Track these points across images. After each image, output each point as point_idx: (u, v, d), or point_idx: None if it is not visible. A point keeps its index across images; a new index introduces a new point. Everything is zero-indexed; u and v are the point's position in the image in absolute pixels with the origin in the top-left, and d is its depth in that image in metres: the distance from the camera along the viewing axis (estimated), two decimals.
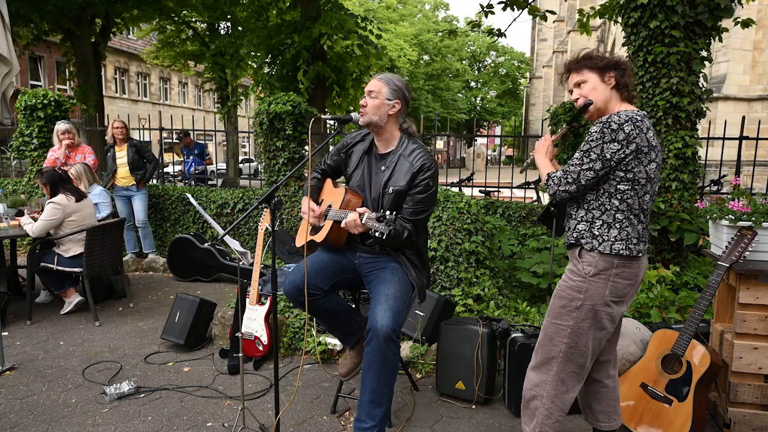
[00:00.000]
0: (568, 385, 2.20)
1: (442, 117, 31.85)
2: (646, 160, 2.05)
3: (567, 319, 2.16)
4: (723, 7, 3.73)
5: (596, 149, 2.04)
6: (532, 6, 6.27)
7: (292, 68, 10.40)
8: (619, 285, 2.10)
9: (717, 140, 5.90)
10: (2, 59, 4.80)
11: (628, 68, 2.17)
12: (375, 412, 2.42)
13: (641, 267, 2.15)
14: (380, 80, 2.55)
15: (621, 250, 2.07)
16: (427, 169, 2.48)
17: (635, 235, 2.09)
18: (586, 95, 2.18)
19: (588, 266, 2.12)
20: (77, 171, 5.08)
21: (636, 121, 2.03)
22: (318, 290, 2.59)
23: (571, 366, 2.19)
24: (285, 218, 5.89)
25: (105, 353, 3.78)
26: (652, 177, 2.09)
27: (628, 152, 2.02)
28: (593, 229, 2.11)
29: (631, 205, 2.08)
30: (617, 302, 2.13)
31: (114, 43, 22.49)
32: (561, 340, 2.18)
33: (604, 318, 2.14)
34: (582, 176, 2.08)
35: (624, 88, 2.17)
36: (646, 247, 2.15)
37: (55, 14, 10.54)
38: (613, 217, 2.09)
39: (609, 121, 2.03)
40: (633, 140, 2.01)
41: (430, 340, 3.54)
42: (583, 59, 2.19)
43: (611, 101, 2.17)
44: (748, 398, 2.64)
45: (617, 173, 2.06)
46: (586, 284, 2.12)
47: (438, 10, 40.46)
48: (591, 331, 2.14)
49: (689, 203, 3.90)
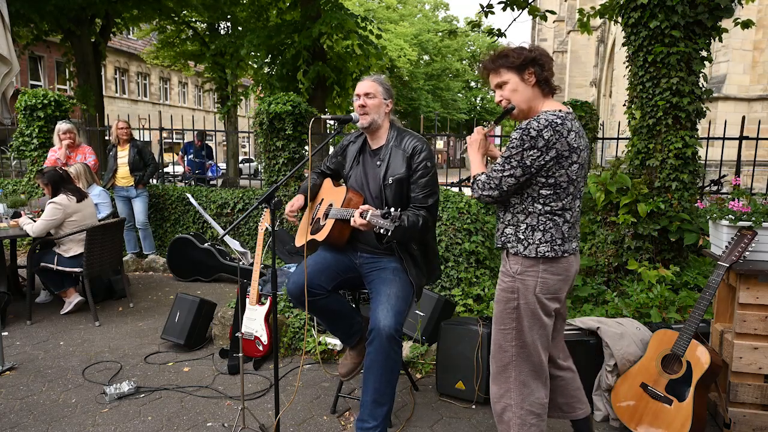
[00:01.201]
0: (531, 386, 2.17)
1: (442, 117, 31.84)
2: (567, 164, 2.01)
3: (509, 321, 2.15)
4: (723, 7, 3.73)
5: (516, 156, 2.00)
6: (532, 6, 6.26)
7: (292, 68, 10.40)
8: (549, 281, 2.09)
9: (717, 140, 5.90)
10: (2, 59, 4.81)
11: (546, 61, 2.09)
12: (377, 412, 2.43)
13: (571, 263, 2.13)
14: (374, 81, 2.61)
15: (546, 252, 2.06)
16: (420, 150, 2.52)
17: (559, 236, 2.07)
18: (508, 98, 2.12)
19: (515, 265, 2.11)
20: (76, 171, 5.08)
21: (556, 125, 1.97)
22: (322, 290, 2.60)
23: (526, 366, 2.15)
24: (285, 218, 5.89)
25: (105, 353, 3.78)
26: (575, 178, 2.05)
27: (548, 158, 1.98)
28: (518, 232, 2.10)
29: (554, 209, 2.05)
30: (550, 298, 2.11)
31: (114, 43, 22.49)
32: (509, 344, 2.16)
33: (540, 313, 2.11)
34: (503, 182, 2.05)
35: (545, 83, 2.10)
36: (575, 245, 2.14)
37: (55, 14, 10.53)
38: (537, 219, 2.06)
39: (528, 128, 1.97)
40: (553, 146, 1.97)
41: (430, 340, 3.54)
42: (499, 58, 2.11)
43: (534, 100, 2.11)
44: (748, 398, 2.64)
45: (539, 179, 2.02)
46: (516, 283, 2.11)
47: (438, 10, 40.42)
48: (534, 329, 2.12)
49: (689, 203, 3.90)
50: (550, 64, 2.11)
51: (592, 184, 4.09)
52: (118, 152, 5.90)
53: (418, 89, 33.25)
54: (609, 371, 2.84)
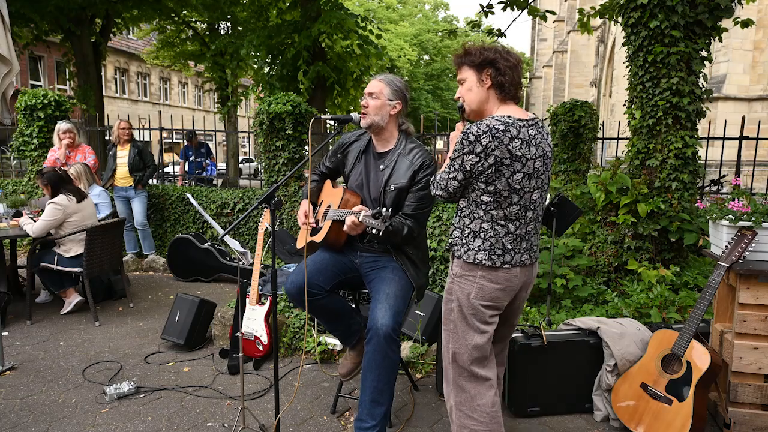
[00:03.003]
0: (470, 391, 2.11)
1: (442, 117, 31.84)
2: (508, 172, 1.94)
3: (448, 323, 2.13)
4: (723, 7, 3.73)
5: (458, 160, 1.97)
6: (532, 6, 6.26)
7: (292, 68, 10.40)
8: (486, 288, 2.03)
9: (717, 140, 5.90)
10: (2, 59, 4.80)
11: (504, 66, 2.01)
12: (376, 412, 2.43)
13: (513, 275, 2.05)
14: (381, 81, 2.57)
15: (483, 260, 2.01)
16: (427, 166, 2.51)
17: (499, 246, 2.01)
18: (463, 96, 2.09)
19: (456, 267, 2.10)
20: (77, 171, 5.08)
21: (496, 131, 1.91)
22: (320, 290, 2.60)
23: (462, 371, 2.11)
24: (285, 218, 5.89)
25: (105, 353, 3.78)
26: (518, 188, 1.97)
27: (486, 165, 1.93)
28: (462, 236, 2.07)
29: (495, 217, 2.00)
30: (486, 306, 2.05)
31: (114, 43, 22.48)
32: (447, 345, 2.13)
33: (474, 320, 2.06)
34: (449, 184, 2.03)
35: (500, 87, 2.03)
36: (525, 258, 2.06)
37: (55, 14, 10.54)
38: (479, 226, 2.02)
39: (468, 132, 1.94)
40: (491, 153, 1.91)
41: (430, 340, 3.54)
42: (464, 55, 2.06)
43: (487, 103, 2.06)
44: (748, 398, 2.64)
45: (479, 185, 1.98)
46: (454, 285, 2.09)
47: (438, 10, 40.42)
48: (468, 334, 2.07)
49: (689, 203, 3.90)
50: (510, 70, 2.02)
51: (592, 184, 4.10)
52: (118, 152, 5.91)
53: (418, 89, 33.23)
54: (609, 371, 2.84)
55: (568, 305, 3.76)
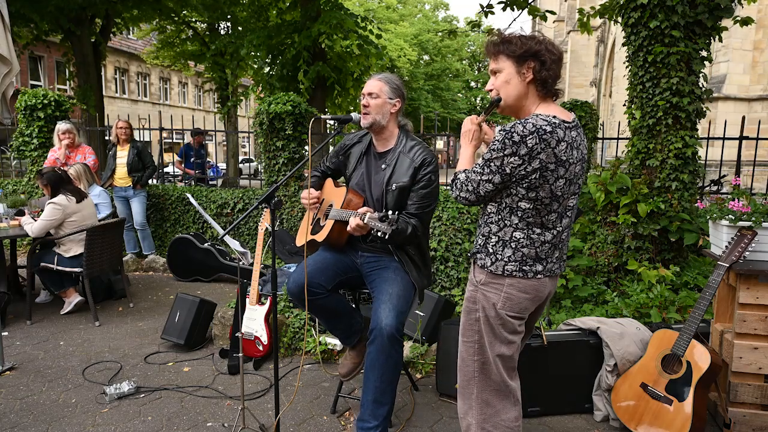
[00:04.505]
0: (496, 405, 1.96)
1: (442, 117, 31.83)
2: (552, 178, 1.77)
3: (471, 334, 1.97)
4: (723, 7, 3.73)
5: (496, 161, 1.77)
6: (532, 6, 6.26)
7: (292, 68, 10.40)
8: (514, 298, 1.88)
9: (717, 140, 5.90)
10: (2, 59, 4.80)
11: (550, 59, 1.82)
12: (378, 412, 2.43)
13: (543, 284, 1.91)
14: (380, 80, 2.57)
15: (513, 271, 1.85)
16: (428, 164, 2.51)
17: (532, 254, 1.85)
18: (498, 89, 1.88)
19: (480, 274, 1.93)
20: (77, 171, 5.08)
21: (543, 132, 1.72)
22: (321, 290, 2.60)
23: (489, 384, 1.96)
24: (285, 218, 5.89)
25: (105, 353, 3.78)
26: (560, 194, 1.82)
27: (530, 169, 1.75)
28: (489, 245, 1.90)
29: (532, 225, 1.84)
30: (513, 316, 1.90)
31: (114, 43, 22.48)
32: (472, 358, 1.97)
33: (502, 330, 1.91)
34: (481, 187, 1.84)
35: (543, 84, 1.84)
36: (556, 267, 1.92)
37: (55, 14, 10.53)
38: (510, 235, 1.85)
39: (512, 131, 1.74)
40: (537, 156, 1.73)
41: (430, 340, 3.54)
42: (501, 43, 1.85)
43: (526, 99, 1.87)
44: (748, 398, 2.64)
45: (519, 190, 1.80)
46: (478, 293, 1.93)
47: (438, 10, 40.43)
48: (496, 345, 1.92)
49: (689, 203, 3.90)
50: (554, 65, 1.84)
51: (592, 184, 4.10)
52: (117, 152, 5.91)
53: (418, 89, 33.24)
54: (609, 371, 2.84)
55: (568, 305, 3.76)
